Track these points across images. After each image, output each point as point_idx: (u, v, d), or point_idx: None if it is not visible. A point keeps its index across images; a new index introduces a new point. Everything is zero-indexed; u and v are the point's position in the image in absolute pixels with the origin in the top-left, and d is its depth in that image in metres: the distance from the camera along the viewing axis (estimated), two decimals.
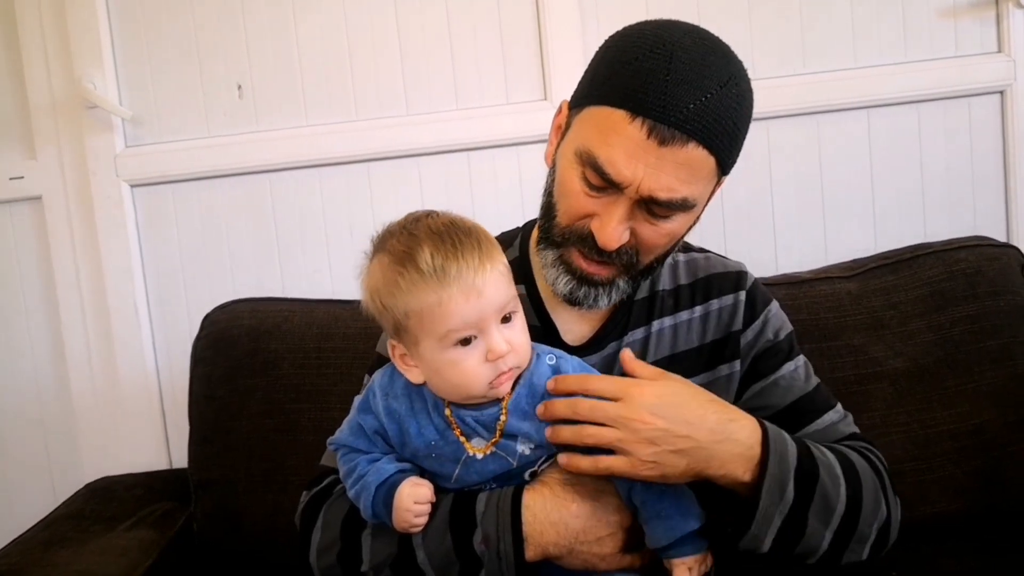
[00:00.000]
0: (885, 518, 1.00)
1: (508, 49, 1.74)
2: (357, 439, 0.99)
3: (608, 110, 0.95)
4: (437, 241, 0.89)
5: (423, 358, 0.92)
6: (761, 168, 1.75)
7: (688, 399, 0.93)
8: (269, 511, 1.48)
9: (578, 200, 0.99)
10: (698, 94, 0.92)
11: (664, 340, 1.11)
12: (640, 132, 0.92)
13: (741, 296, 1.12)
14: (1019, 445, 1.40)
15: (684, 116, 0.91)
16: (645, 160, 0.92)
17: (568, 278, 1.02)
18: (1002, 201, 1.76)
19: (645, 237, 0.99)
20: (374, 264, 0.94)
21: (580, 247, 1.00)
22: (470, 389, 0.92)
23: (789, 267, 1.67)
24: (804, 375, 1.12)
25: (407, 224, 0.93)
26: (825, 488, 0.94)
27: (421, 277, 0.88)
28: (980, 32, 1.73)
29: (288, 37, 1.74)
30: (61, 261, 1.77)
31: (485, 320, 0.89)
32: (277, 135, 1.75)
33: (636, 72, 0.93)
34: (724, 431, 0.92)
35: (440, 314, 0.88)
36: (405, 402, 0.97)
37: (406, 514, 0.92)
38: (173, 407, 1.79)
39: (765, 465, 0.92)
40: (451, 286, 0.87)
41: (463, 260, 0.88)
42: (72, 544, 1.43)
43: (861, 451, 1.05)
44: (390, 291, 0.90)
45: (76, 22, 1.71)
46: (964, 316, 1.44)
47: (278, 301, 1.64)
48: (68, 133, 1.74)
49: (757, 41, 1.73)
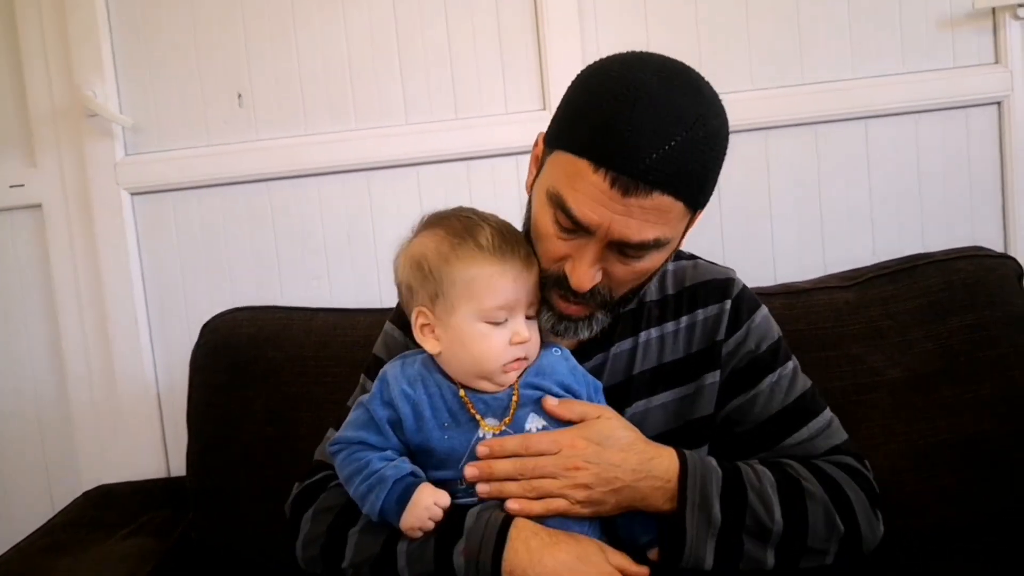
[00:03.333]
0: (844, 533, 1.03)
1: (507, 58, 1.75)
2: (368, 433, 1.00)
3: (573, 158, 0.94)
4: (496, 228, 1.00)
5: (453, 327, 0.99)
6: (759, 178, 1.75)
7: (614, 443, 1.00)
8: (268, 519, 1.48)
9: (552, 243, 0.99)
10: (660, 143, 0.89)
11: (651, 351, 1.11)
12: (604, 182, 0.91)
13: (727, 305, 1.12)
14: (1017, 454, 1.40)
15: (646, 167, 0.89)
16: (612, 208, 0.92)
17: (549, 315, 1.03)
18: (1000, 211, 1.76)
19: (618, 276, 1.00)
20: (424, 236, 1.02)
21: (557, 289, 1.01)
22: (487, 364, 0.99)
23: (787, 276, 1.67)
24: (786, 387, 1.11)
25: (462, 212, 1.04)
26: (755, 510, 1.00)
27: (480, 251, 0.97)
28: (977, 43, 1.73)
29: (288, 46, 1.75)
30: (61, 269, 1.78)
31: (519, 306, 0.99)
32: (277, 144, 1.75)
33: (599, 121, 0.92)
34: (644, 469, 0.99)
35: (489, 287, 0.97)
36: (419, 387, 1.01)
37: (423, 512, 0.94)
38: (172, 415, 1.79)
39: (684, 494, 0.99)
40: (505, 265, 0.97)
41: (518, 249, 1.00)
42: (71, 551, 1.43)
43: (818, 465, 1.08)
44: (444, 258, 0.98)
45: (76, 30, 1.71)
46: (962, 326, 1.44)
47: (277, 309, 1.64)
48: (68, 141, 1.75)
49: (756, 52, 1.73)
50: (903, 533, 1.37)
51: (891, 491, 1.37)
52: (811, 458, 1.09)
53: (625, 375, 1.11)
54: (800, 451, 1.09)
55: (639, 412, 1.10)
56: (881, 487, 1.11)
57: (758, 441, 1.11)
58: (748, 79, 1.73)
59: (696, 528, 0.99)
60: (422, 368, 1.03)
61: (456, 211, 1.05)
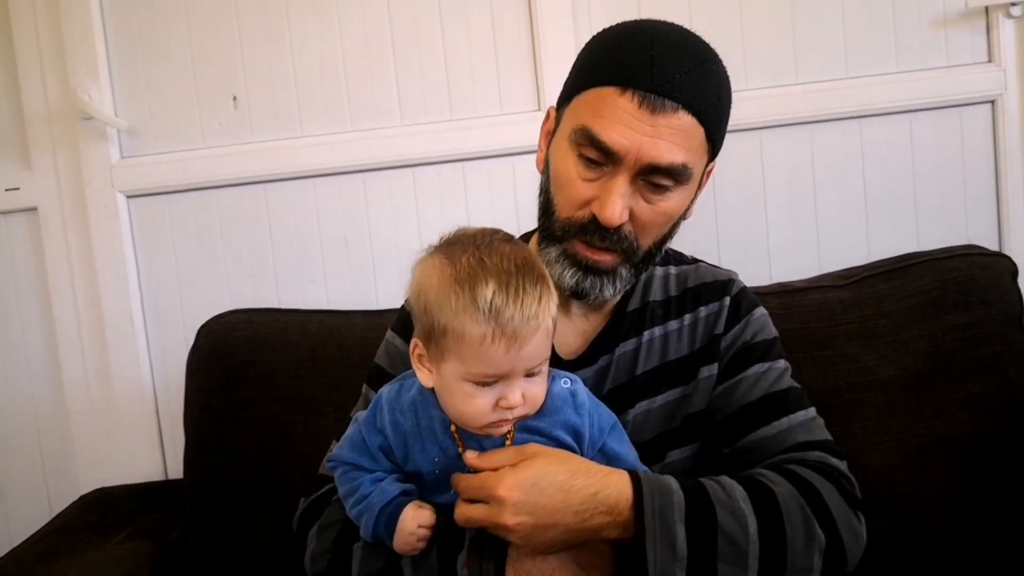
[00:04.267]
0: (825, 543, 0.93)
1: (502, 59, 1.75)
2: (360, 456, 0.99)
3: (597, 90, 0.99)
4: (503, 281, 0.88)
5: (441, 373, 0.93)
6: (754, 177, 1.76)
7: (548, 485, 0.89)
8: (264, 522, 1.48)
9: (576, 187, 1.01)
10: (682, 66, 0.97)
11: (654, 350, 1.11)
12: (632, 103, 0.96)
13: (726, 301, 1.13)
14: (1011, 453, 1.41)
15: (672, 86, 0.95)
16: (640, 130, 0.96)
17: (574, 270, 1.03)
18: (994, 210, 1.77)
19: (643, 217, 1.01)
20: (435, 263, 0.92)
21: (582, 236, 1.02)
22: (469, 422, 0.93)
23: (782, 276, 1.67)
24: (774, 378, 1.09)
25: (482, 243, 0.92)
26: (727, 530, 0.90)
27: (475, 309, 0.86)
28: (971, 42, 1.74)
29: (283, 48, 1.75)
30: (57, 272, 1.78)
31: (513, 374, 0.90)
32: (272, 146, 1.75)
33: (622, 51, 0.99)
34: (590, 506, 0.89)
35: (476, 352, 0.88)
36: (411, 418, 0.97)
37: (409, 537, 0.93)
38: (168, 418, 1.79)
39: (642, 524, 0.89)
40: (498, 332, 0.86)
41: (520, 310, 0.87)
42: (67, 555, 1.43)
43: (792, 471, 0.99)
44: (440, 303, 0.89)
45: (72, 33, 1.71)
46: (956, 325, 1.44)
47: (273, 312, 1.64)
48: (64, 144, 1.75)
49: (750, 51, 1.74)
50: (897, 533, 1.38)
51: (885, 490, 1.39)
52: (785, 450, 1.03)
53: (629, 376, 1.11)
54: (774, 442, 1.04)
55: (641, 413, 1.09)
56: (875, 486, 1.10)
57: (736, 428, 1.07)
58: (743, 79, 1.73)
59: (660, 562, 0.88)
60: (417, 396, 0.98)
61: (480, 237, 0.93)
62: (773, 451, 1.04)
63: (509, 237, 0.96)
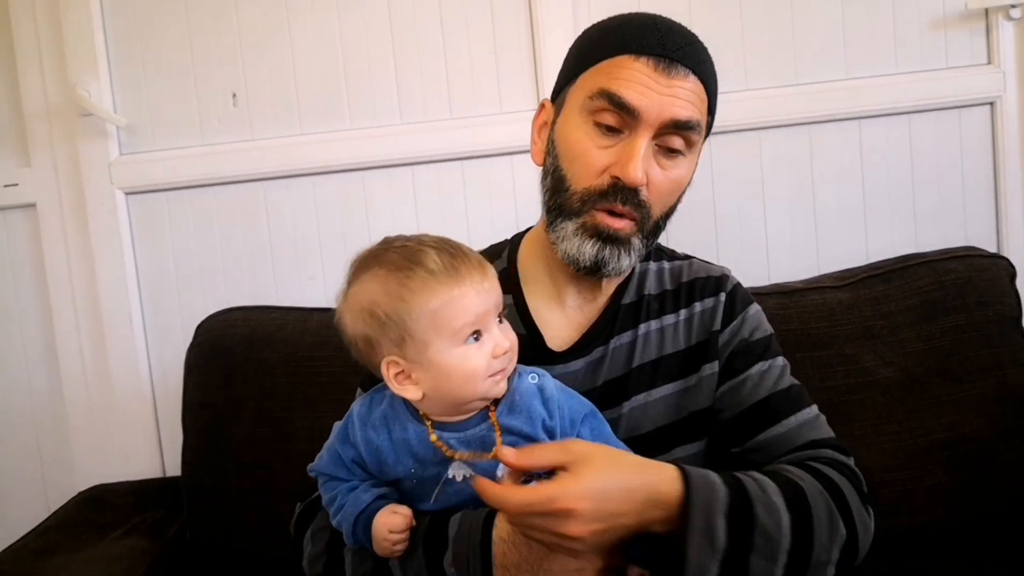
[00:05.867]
0: (846, 537, 0.95)
1: (502, 58, 1.75)
2: (336, 468, 1.00)
3: (610, 60, 1.03)
4: (437, 247, 0.93)
5: (431, 363, 0.92)
6: (753, 178, 1.76)
7: (616, 490, 0.87)
8: (262, 519, 1.48)
9: (592, 155, 1.03)
10: (686, 38, 1.04)
11: (651, 343, 1.12)
12: (647, 66, 1.01)
13: (721, 297, 1.14)
14: (1009, 454, 1.41)
15: (682, 53, 1.02)
16: (658, 90, 1.01)
17: (593, 240, 1.04)
18: (992, 211, 1.77)
19: (658, 183, 1.04)
20: (364, 282, 0.94)
21: (603, 204, 1.03)
22: (476, 385, 0.92)
23: (781, 276, 1.68)
24: (776, 376, 1.10)
25: (391, 242, 0.96)
26: (765, 527, 0.90)
27: (433, 276, 0.90)
28: (970, 44, 1.74)
29: (282, 46, 1.75)
30: (55, 268, 1.77)
31: (490, 315, 0.93)
32: (271, 143, 1.75)
33: (629, 27, 1.05)
34: (649, 504, 0.88)
35: (456, 308, 0.91)
36: (383, 432, 0.97)
37: (384, 543, 0.94)
38: (166, 415, 1.79)
39: (687, 518, 0.88)
40: (463, 282, 0.91)
41: (468, 261, 0.93)
42: (65, 552, 1.43)
43: (815, 467, 1.01)
44: (398, 296, 0.91)
45: (71, 30, 1.71)
46: (954, 326, 1.45)
47: (272, 309, 1.64)
48: (62, 140, 1.75)
49: (750, 52, 1.74)
50: (895, 532, 1.38)
51: (883, 490, 1.39)
52: (795, 449, 1.05)
53: (625, 368, 1.11)
54: (785, 441, 1.05)
55: (638, 406, 1.10)
56: (873, 486, 1.09)
57: (745, 427, 1.08)
58: (742, 80, 1.74)
59: (698, 555, 0.88)
60: (388, 409, 0.98)
61: (385, 244, 0.96)
62: (783, 450, 1.06)
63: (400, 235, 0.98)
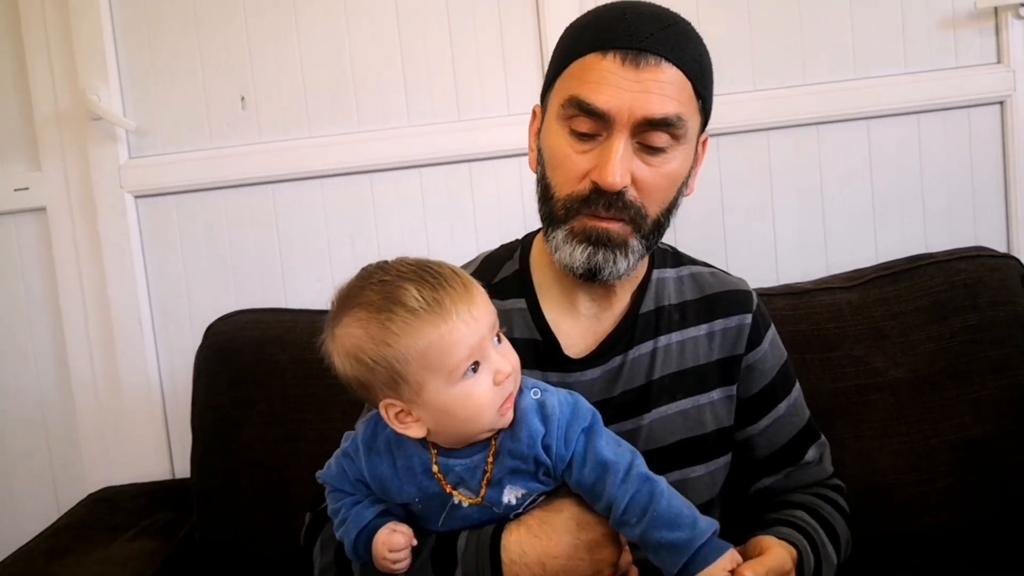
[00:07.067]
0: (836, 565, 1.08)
1: (509, 59, 1.75)
2: (342, 482, 0.98)
3: (579, 62, 0.99)
4: (417, 280, 0.86)
5: (430, 403, 0.87)
6: (762, 178, 1.75)
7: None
8: (271, 521, 1.49)
9: (572, 161, 0.99)
10: (658, 24, 0.98)
11: (671, 356, 1.10)
12: (614, 63, 0.96)
13: (747, 320, 1.13)
14: (1020, 455, 1.40)
15: (651, 40, 0.96)
16: (628, 87, 0.95)
17: (584, 246, 1.00)
18: (1002, 211, 1.76)
19: (646, 180, 0.99)
20: (346, 326, 0.88)
21: (586, 210, 0.99)
22: (483, 419, 0.89)
23: (790, 277, 1.67)
24: (799, 409, 1.18)
25: (369, 277, 0.89)
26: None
27: (415, 316, 0.84)
28: (980, 43, 1.73)
29: (291, 48, 1.75)
30: (65, 272, 1.78)
31: (485, 342, 0.87)
32: (280, 146, 1.76)
33: (597, 23, 1.00)
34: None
35: (446, 346, 0.85)
36: (387, 458, 0.95)
37: (383, 561, 0.92)
38: (176, 417, 1.79)
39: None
40: (449, 317, 0.85)
41: (451, 290, 0.86)
42: (75, 554, 1.43)
43: (837, 502, 1.15)
44: (382, 341, 0.85)
45: (81, 34, 1.72)
46: (965, 326, 1.44)
47: (281, 312, 1.64)
48: (72, 144, 1.75)
49: (758, 52, 1.73)
50: (905, 534, 1.38)
51: (893, 492, 1.39)
52: (818, 483, 1.17)
53: (645, 379, 1.09)
54: (809, 475, 1.16)
55: (658, 419, 1.08)
56: (883, 488, 1.14)
57: (778, 464, 1.16)
58: (750, 80, 1.73)
59: None
60: (392, 435, 0.94)
61: (362, 278, 0.90)
62: (806, 483, 1.16)
63: (382, 262, 0.92)
